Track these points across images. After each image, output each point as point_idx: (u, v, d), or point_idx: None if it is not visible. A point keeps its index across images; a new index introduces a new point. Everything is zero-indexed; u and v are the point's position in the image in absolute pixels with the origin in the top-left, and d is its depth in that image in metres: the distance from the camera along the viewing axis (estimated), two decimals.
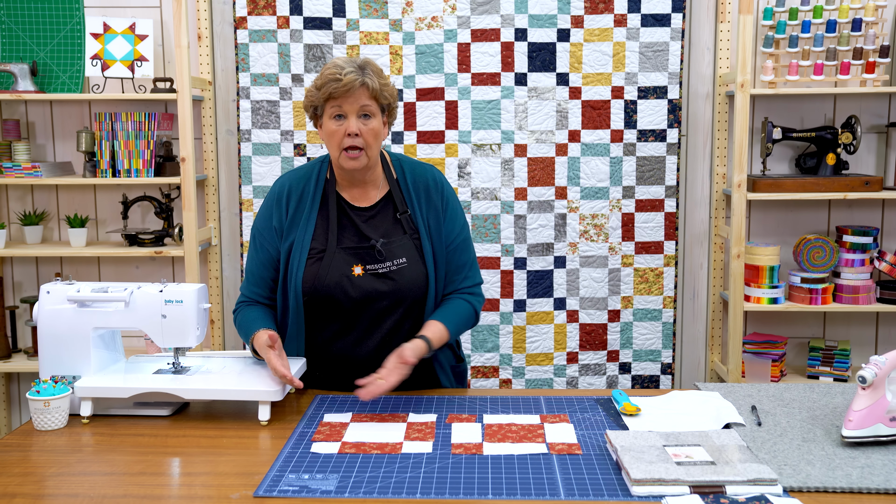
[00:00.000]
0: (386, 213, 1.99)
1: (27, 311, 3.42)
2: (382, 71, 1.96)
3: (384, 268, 1.93)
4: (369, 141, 1.91)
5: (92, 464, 1.55)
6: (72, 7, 3.22)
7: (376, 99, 1.91)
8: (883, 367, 1.54)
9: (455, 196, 2.07)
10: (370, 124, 1.90)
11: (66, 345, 1.81)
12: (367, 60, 1.93)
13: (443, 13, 3.14)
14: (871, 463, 1.49)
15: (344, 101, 1.88)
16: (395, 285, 1.92)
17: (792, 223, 3.37)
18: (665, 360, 3.30)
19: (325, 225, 1.97)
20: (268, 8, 3.15)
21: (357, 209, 1.99)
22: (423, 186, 2.02)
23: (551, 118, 3.18)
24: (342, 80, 1.86)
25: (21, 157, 3.22)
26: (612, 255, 3.25)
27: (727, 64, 3.25)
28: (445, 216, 2.02)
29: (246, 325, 1.97)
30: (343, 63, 1.90)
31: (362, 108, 1.89)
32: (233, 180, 3.38)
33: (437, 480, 1.45)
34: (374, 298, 1.92)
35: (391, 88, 1.96)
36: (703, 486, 1.37)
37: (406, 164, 2.06)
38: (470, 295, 2.03)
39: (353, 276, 1.92)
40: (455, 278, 2.02)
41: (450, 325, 1.94)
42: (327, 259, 1.93)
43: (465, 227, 2.07)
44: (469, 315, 2.01)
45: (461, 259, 2.03)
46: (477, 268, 2.08)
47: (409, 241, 1.97)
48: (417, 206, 2.00)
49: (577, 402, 1.87)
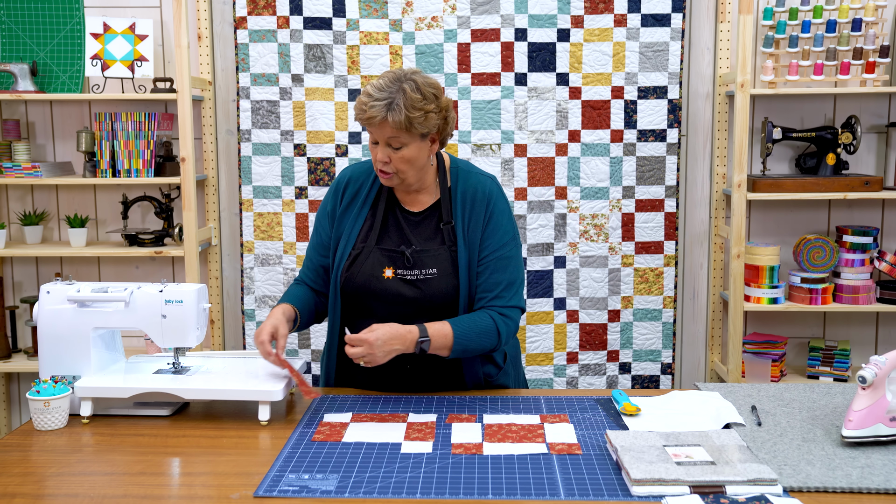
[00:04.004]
0: (431, 221, 1.96)
1: (27, 311, 3.42)
2: (429, 94, 1.84)
3: (412, 275, 1.91)
4: (400, 168, 1.87)
5: (92, 464, 1.55)
6: (72, 7, 3.22)
7: (407, 130, 1.82)
8: (883, 367, 1.54)
9: (506, 212, 1.97)
10: (401, 153, 1.85)
11: (66, 345, 1.81)
12: (404, 87, 1.81)
13: (443, 13, 3.14)
14: (871, 463, 1.49)
15: (373, 131, 1.85)
16: (421, 293, 1.90)
17: (792, 223, 3.37)
18: (665, 360, 3.30)
19: (371, 223, 1.97)
20: (268, 8, 3.15)
21: (407, 213, 1.98)
22: (470, 197, 1.96)
23: (551, 118, 3.18)
24: (366, 112, 1.81)
25: (21, 157, 3.22)
26: (612, 255, 3.25)
27: (727, 64, 3.25)
28: (486, 230, 1.94)
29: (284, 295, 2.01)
30: (374, 91, 1.82)
31: (389, 139, 1.84)
32: (233, 180, 3.38)
33: (437, 480, 1.45)
34: (398, 303, 1.91)
35: (430, 116, 1.83)
36: (703, 486, 1.37)
37: (462, 174, 1.99)
38: (497, 313, 1.90)
39: (382, 277, 1.91)
40: (485, 295, 1.92)
41: (457, 326, 1.84)
42: (363, 257, 1.93)
43: (509, 246, 1.95)
44: (488, 329, 1.87)
45: (496, 277, 1.92)
46: (517, 292, 1.94)
47: (446, 251, 1.92)
48: (461, 217, 1.94)
49: (577, 402, 1.87)
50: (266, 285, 3.24)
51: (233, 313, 3.44)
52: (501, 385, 2.05)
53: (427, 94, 1.84)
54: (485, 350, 1.89)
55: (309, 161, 3.21)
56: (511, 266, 1.95)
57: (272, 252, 3.24)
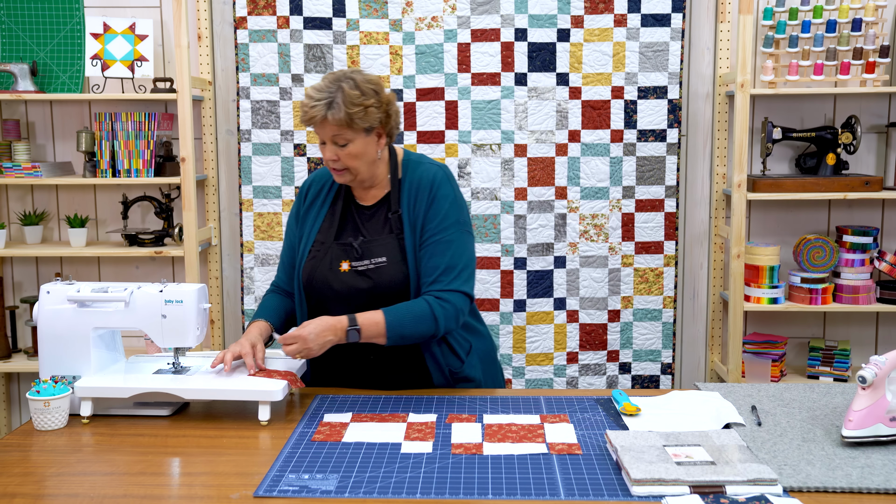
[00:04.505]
0: (382, 212, 2.02)
1: (27, 311, 3.41)
2: (368, 90, 1.89)
3: (363, 265, 1.96)
4: (350, 164, 1.92)
5: (92, 464, 1.55)
6: (72, 7, 3.22)
7: (349, 126, 1.87)
8: (883, 367, 1.54)
9: (449, 197, 1.98)
10: (347, 149, 1.90)
11: (66, 345, 1.82)
12: (342, 86, 1.86)
13: (443, 13, 3.14)
14: (871, 463, 1.49)
15: (317, 131, 1.91)
16: (373, 283, 1.94)
17: (792, 223, 3.37)
18: (665, 360, 3.30)
19: (331, 220, 2.03)
20: (268, 8, 3.15)
21: (361, 207, 2.04)
22: (416, 185, 2.00)
23: (551, 118, 3.18)
24: (308, 113, 1.88)
25: (21, 157, 3.22)
26: (612, 255, 3.25)
27: (727, 64, 3.25)
28: (427, 214, 1.97)
29: (259, 310, 2.08)
30: (314, 92, 1.88)
31: (334, 137, 1.90)
32: (233, 180, 3.38)
33: (437, 480, 1.45)
34: (354, 294, 1.95)
35: (370, 111, 1.88)
36: (703, 486, 1.37)
37: (412, 165, 2.04)
38: (434, 297, 1.90)
39: (339, 271, 1.96)
40: (425, 280, 1.93)
41: (389, 314, 1.86)
42: (322, 252, 1.99)
43: (451, 230, 1.96)
44: (423, 314, 1.87)
45: (435, 261, 1.93)
46: (458, 276, 1.94)
47: (394, 239, 1.97)
48: (407, 205, 1.99)
49: (577, 402, 1.87)
50: (266, 285, 3.24)
51: (233, 313, 3.44)
52: (467, 378, 2.05)
53: (366, 90, 1.89)
54: (425, 336, 1.90)
55: (309, 161, 3.21)
56: (452, 250, 1.95)
57: (272, 252, 3.24)
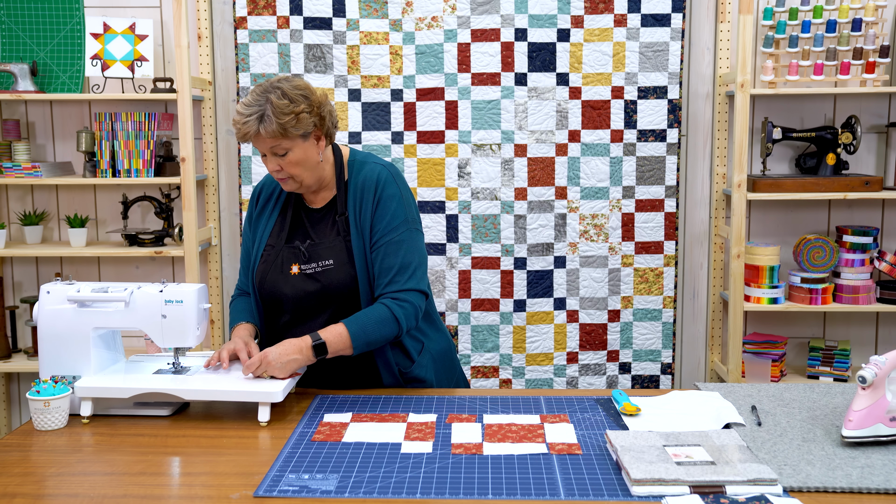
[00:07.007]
0: (330, 215, 2.01)
1: (27, 311, 3.42)
2: (297, 97, 1.86)
3: (311, 268, 1.96)
4: (293, 172, 1.91)
5: (92, 464, 1.55)
6: (72, 7, 3.22)
7: (284, 136, 1.85)
8: (883, 367, 1.54)
9: (396, 197, 1.97)
10: (288, 158, 1.89)
11: (66, 345, 1.81)
12: (270, 97, 1.84)
13: (443, 13, 3.14)
14: (871, 463, 1.49)
15: (255, 145, 1.90)
16: (321, 286, 1.94)
17: (792, 223, 3.37)
18: (665, 360, 3.30)
19: (282, 223, 2.04)
20: (268, 8, 3.15)
21: (311, 210, 2.04)
22: (361, 187, 1.98)
23: (551, 118, 3.18)
24: (241, 129, 1.86)
25: (21, 157, 3.22)
26: (612, 255, 3.25)
27: (727, 64, 3.25)
28: (375, 215, 1.96)
29: (234, 315, 2.10)
30: (243, 108, 1.86)
31: (272, 148, 1.88)
32: (233, 180, 3.38)
33: (437, 480, 1.45)
34: (303, 297, 1.96)
35: (302, 118, 1.86)
36: (703, 486, 1.37)
37: (357, 165, 2.02)
38: (391, 299, 1.91)
39: (290, 274, 1.97)
40: (380, 282, 1.94)
41: (351, 324, 1.87)
42: (273, 256, 2.00)
43: (400, 230, 1.96)
44: (384, 317, 1.89)
45: (389, 262, 1.93)
46: (412, 275, 1.94)
47: (341, 242, 1.96)
48: (353, 208, 1.98)
49: (577, 402, 1.87)
50: None
51: None
52: (417, 378, 2.03)
53: (294, 97, 1.86)
54: (389, 338, 1.91)
55: None
56: (403, 249, 1.95)
57: None
